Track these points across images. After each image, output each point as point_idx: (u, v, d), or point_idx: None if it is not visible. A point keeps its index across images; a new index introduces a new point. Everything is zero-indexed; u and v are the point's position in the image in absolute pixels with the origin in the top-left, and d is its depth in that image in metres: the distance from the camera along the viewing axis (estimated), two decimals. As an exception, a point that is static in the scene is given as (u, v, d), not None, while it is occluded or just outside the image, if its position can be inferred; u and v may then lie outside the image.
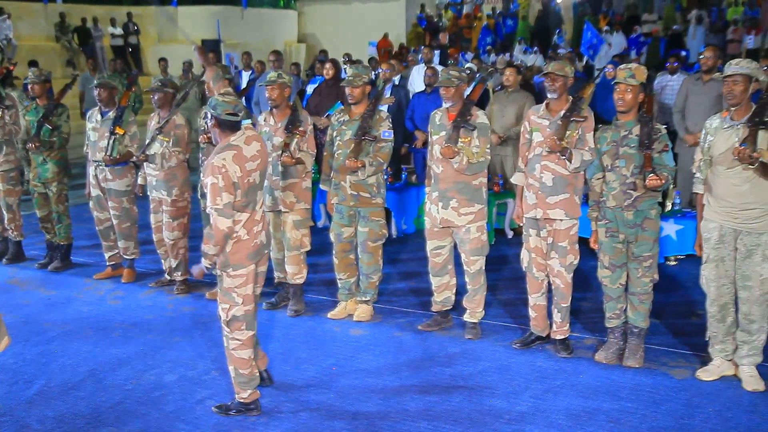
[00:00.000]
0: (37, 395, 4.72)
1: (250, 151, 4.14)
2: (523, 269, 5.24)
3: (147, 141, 6.39)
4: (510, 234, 8.17)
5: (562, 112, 4.87)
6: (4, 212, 7.46)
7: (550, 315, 5.22)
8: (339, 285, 5.95)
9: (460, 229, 5.29)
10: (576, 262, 5.05)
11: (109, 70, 14.17)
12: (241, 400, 4.37)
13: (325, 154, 5.83)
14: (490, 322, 5.71)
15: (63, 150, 7.09)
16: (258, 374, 4.41)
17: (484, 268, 5.40)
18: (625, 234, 4.83)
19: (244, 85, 10.73)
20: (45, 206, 7.24)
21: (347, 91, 5.61)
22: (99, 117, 6.69)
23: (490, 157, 5.25)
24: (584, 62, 14.40)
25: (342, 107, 5.88)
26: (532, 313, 5.26)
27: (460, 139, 5.09)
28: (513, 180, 5.24)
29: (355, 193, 5.63)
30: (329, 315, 5.91)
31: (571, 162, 4.80)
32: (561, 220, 4.95)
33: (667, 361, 4.99)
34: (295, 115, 5.67)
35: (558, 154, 4.82)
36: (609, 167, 4.82)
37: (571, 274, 5.06)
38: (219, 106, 4.11)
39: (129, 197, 6.73)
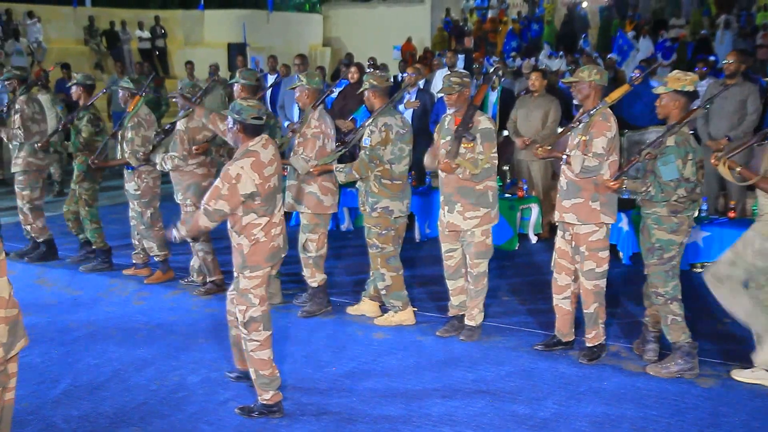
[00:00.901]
0: (62, 394, 4.77)
1: (267, 156, 4.19)
2: (551, 269, 5.25)
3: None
4: (534, 239, 8.12)
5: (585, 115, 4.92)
6: (26, 213, 7.51)
7: (577, 322, 5.19)
8: None
9: (465, 233, 5.30)
10: (599, 270, 4.96)
11: (136, 73, 14.33)
12: (264, 402, 4.38)
13: None
14: (513, 327, 5.69)
15: (84, 153, 7.05)
16: (279, 375, 4.42)
17: (486, 271, 5.37)
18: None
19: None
20: (72, 203, 7.30)
21: None
22: None
23: (496, 162, 5.23)
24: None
25: None
26: (556, 314, 5.23)
27: (462, 145, 5.10)
28: None
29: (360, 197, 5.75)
30: (347, 309, 6.08)
31: (571, 165, 4.82)
32: (577, 224, 4.94)
33: (692, 369, 4.93)
34: (302, 117, 5.77)
35: (564, 159, 4.89)
36: None
37: (594, 282, 4.97)
38: (245, 110, 4.15)
39: (140, 201, 6.74)
